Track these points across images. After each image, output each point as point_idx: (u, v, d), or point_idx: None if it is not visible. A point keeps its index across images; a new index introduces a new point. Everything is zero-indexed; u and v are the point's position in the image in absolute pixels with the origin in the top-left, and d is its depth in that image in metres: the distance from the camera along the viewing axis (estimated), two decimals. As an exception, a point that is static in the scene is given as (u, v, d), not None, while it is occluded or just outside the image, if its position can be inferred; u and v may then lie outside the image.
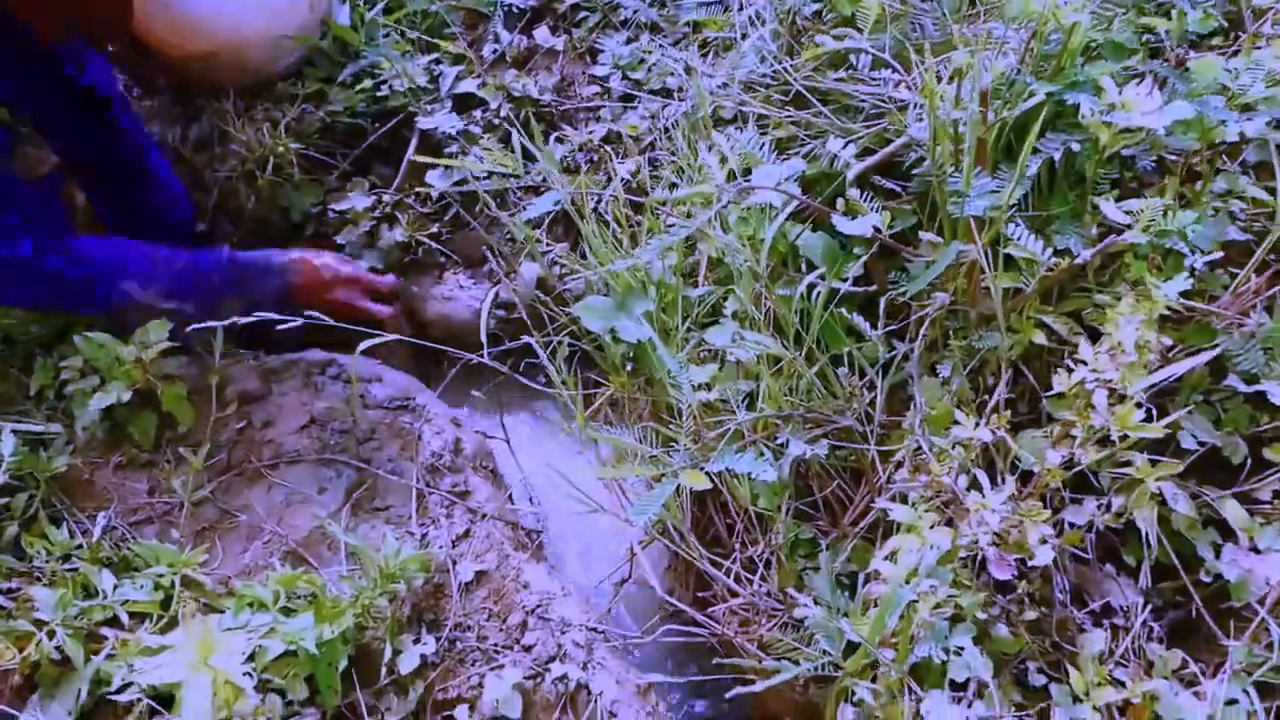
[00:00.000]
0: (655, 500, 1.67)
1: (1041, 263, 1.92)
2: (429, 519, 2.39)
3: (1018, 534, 1.79)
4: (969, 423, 1.76)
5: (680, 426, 1.83)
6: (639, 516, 1.65)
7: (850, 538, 2.07)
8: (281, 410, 2.55)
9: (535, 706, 2.16)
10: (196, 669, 1.81)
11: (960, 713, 1.55)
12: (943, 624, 1.71)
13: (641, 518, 1.64)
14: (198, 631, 1.83)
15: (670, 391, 1.89)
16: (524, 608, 2.29)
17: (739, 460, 1.72)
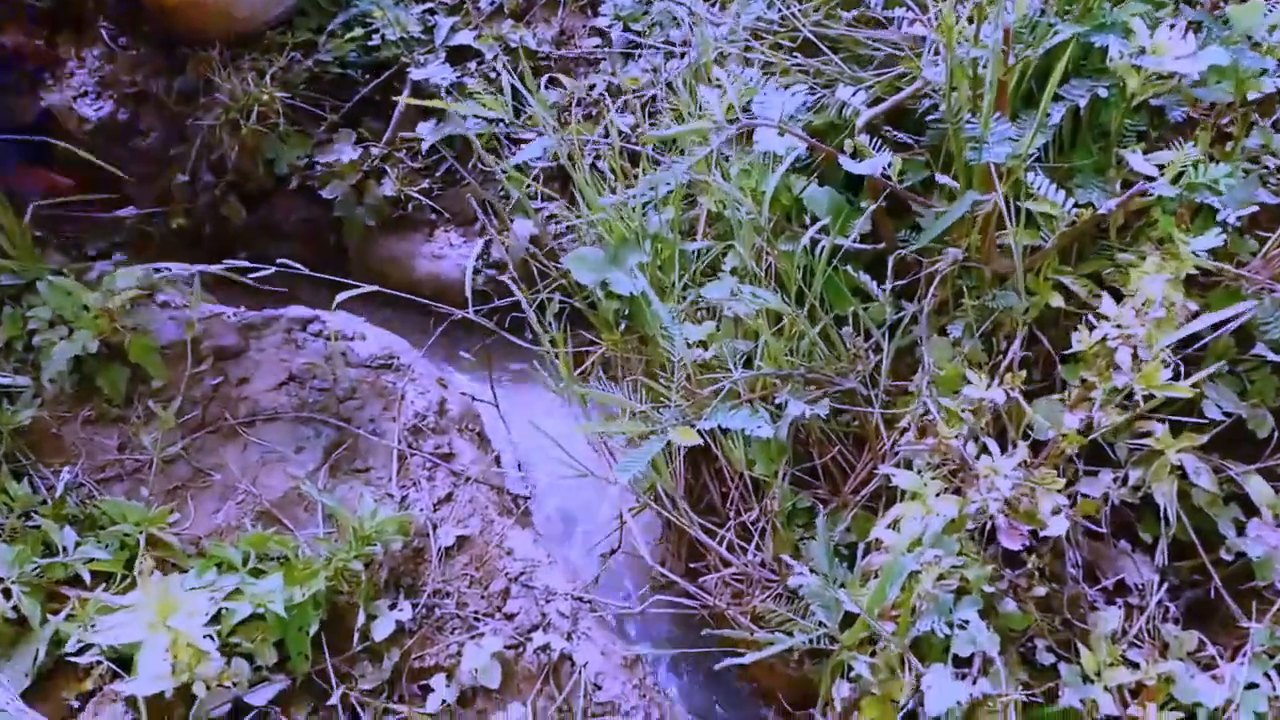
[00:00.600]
0: (642, 457, 1.56)
1: (1062, 217, 1.79)
2: (410, 481, 2.29)
3: (1029, 503, 1.67)
4: (981, 383, 1.64)
5: (672, 383, 1.72)
6: (624, 474, 1.54)
7: (851, 506, 1.96)
8: (259, 367, 2.44)
9: (516, 677, 2.06)
10: (154, 629, 1.71)
11: (964, 689, 1.45)
12: (947, 597, 1.60)
13: (627, 475, 1.54)
14: (156, 591, 1.72)
15: (662, 344, 1.77)
16: (507, 575, 2.19)
17: (733, 417, 1.61)
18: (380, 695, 2.05)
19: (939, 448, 1.64)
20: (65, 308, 2.22)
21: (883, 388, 2.03)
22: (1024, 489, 1.68)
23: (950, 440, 1.61)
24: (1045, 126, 1.83)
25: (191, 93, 3.09)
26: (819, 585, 1.59)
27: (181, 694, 1.87)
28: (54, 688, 1.95)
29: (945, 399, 1.72)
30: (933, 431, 1.64)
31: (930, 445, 1.65)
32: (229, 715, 1.94)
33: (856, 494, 1.99)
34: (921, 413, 1.85)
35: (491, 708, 2.02)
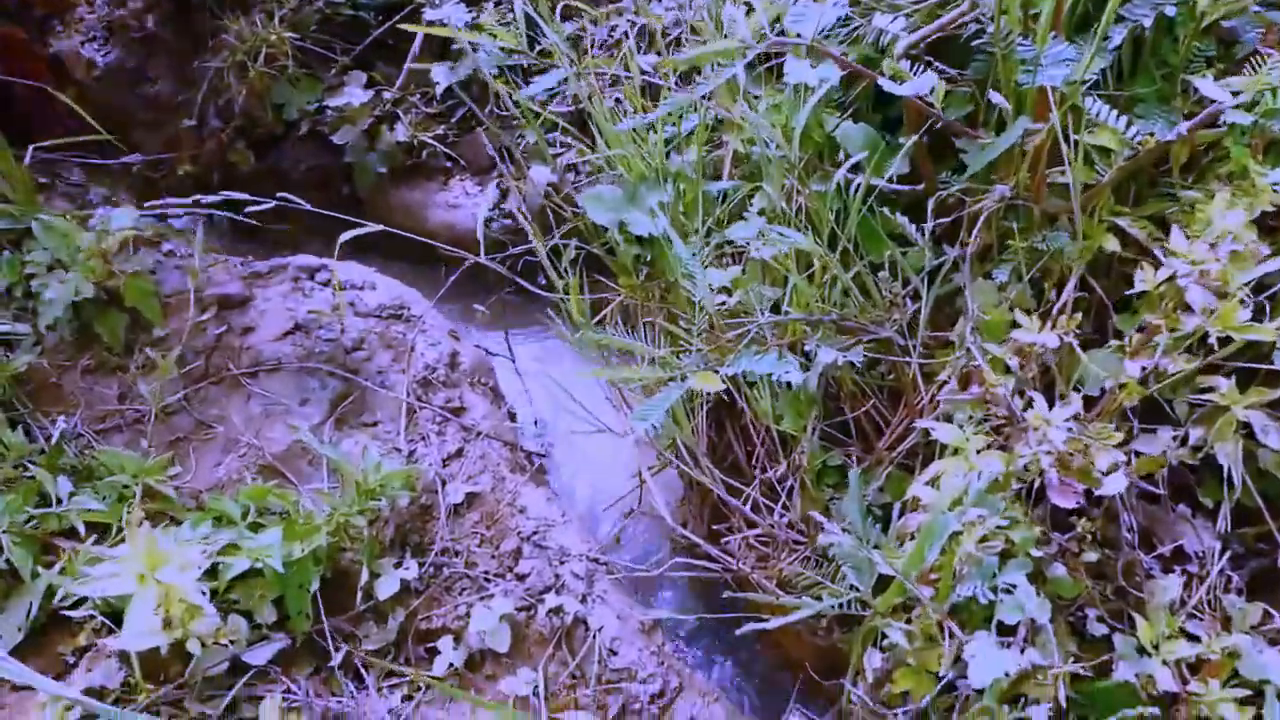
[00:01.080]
0: (660, 404, 1.43)
1: (1122, 148, 1.63)
2: (419, 435, 2.18)
3: (1082, 460, 1.53)
4: (1032, 325, 1.49)
5: (693, 323, 1.59)
6: (641, 422, 1.41)
7: (885, 464, 1.82)
8: (264, 316, 2.34)
9: (527, 640, 1.95)
10: (144, 582, 1.61)
11: (1012, 658, 1.31)
12: (991, 560, 1.46)
13: (644, 424, 1.41)
14: (145, 542, 1.63)
15: (683, 284, 1.64)
16: (519, 534, 2.07)
17: (759, 361, 1.48)
18: (385, 657, 1.95)
19: (984, 397, 1.50)
20: (62, 250, 2.13)
21: (921, 338, 1.89)
22: (1076, 444, 1.54)
23: (996, 388, 1.47)
24: (1104, 50, 1.67)
25: (199, 34, 2.97)
26: (851, 545, 1.46)
27: (177, 651, 1.78)
28: (49, 642, 1.87)
29: (991, 345, 1.58)
30: (978, 379, 1.50)
31: (974, 395, 1.50)
32: (227, 674, 1.85)
33: (892, 451, 1.85)
34: (964, 363, 1.70)
35: (501, 672, 1.91)
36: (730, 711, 1.95)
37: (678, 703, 1.94)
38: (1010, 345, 1.53)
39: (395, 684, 1.91)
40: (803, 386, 1.73)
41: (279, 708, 1.81)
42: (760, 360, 1.48)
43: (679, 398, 1.74)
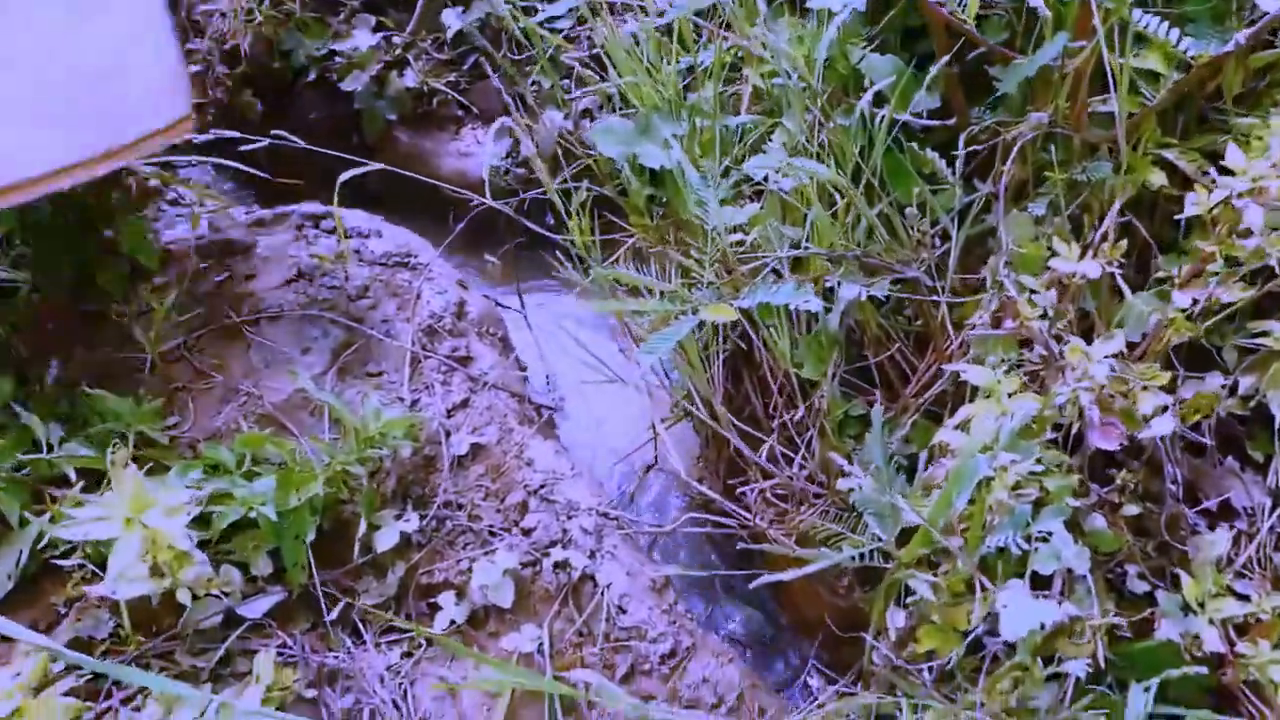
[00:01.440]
0: (669, 338, 1.33)
1: (1171, 71, 1.51)
2: (423, 385, 2.09)
3: (1125, 402, 1.41)
4: (1071, 253, 1.38)
5: (705, 253, 1.48)
6: (649, 356, 1.31)
7: (911, 412, 1.71)
8: (267, 263, 2.26)
9: (532, 596, 1.87)
10: (129, 526, 1.54)
11: (1049, 608, 1.21)
12: (1025, 508, 1.35)
13: (651, 357, 1.31)
14: (131, 485, 1.55)
15: (695, 211, 1.53)
16: (526, 487, 1.99)
17: (776, 293, 1.37)
18: (384, 612, 1.88)
19: (1018, 333, 1.38)
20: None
21: (950, 281, 1.78)
22: (1119, 385, 1.42)
23: (1032, 321, 1.35)
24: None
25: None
26: (873, 490, 1.36)
27: (169, 602, 1.71)
28: (40, 592, 1.81)
29: (1027, 278, 1.46)
30: (1011, 313, 1.39)
31: (1008, 330, 1.39)
32: (220, 627, 1.78)
33: (918, 399, 1.74)
34: (995, 306, 1.59)
35: (504, 629, 1.83)
36: (745, 673, 1.86)
37: (690, 664, 1.85)
38: (1048, 277, 1.41)
39: (395, 640, 1.84)
40: (823, 327, 1.62)
41: (273, 662, 1.74)
42: (777, 291, 1.37)
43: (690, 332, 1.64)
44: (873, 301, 1.78)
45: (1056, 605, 1.21)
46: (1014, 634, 1.18)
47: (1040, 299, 1.41)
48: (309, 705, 1.74)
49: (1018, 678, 1.30)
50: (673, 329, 1.35)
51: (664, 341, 1.33)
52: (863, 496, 1.38)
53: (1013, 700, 1.27)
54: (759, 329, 1.75)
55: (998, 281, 1.46)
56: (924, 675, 1.44)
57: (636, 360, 1.30)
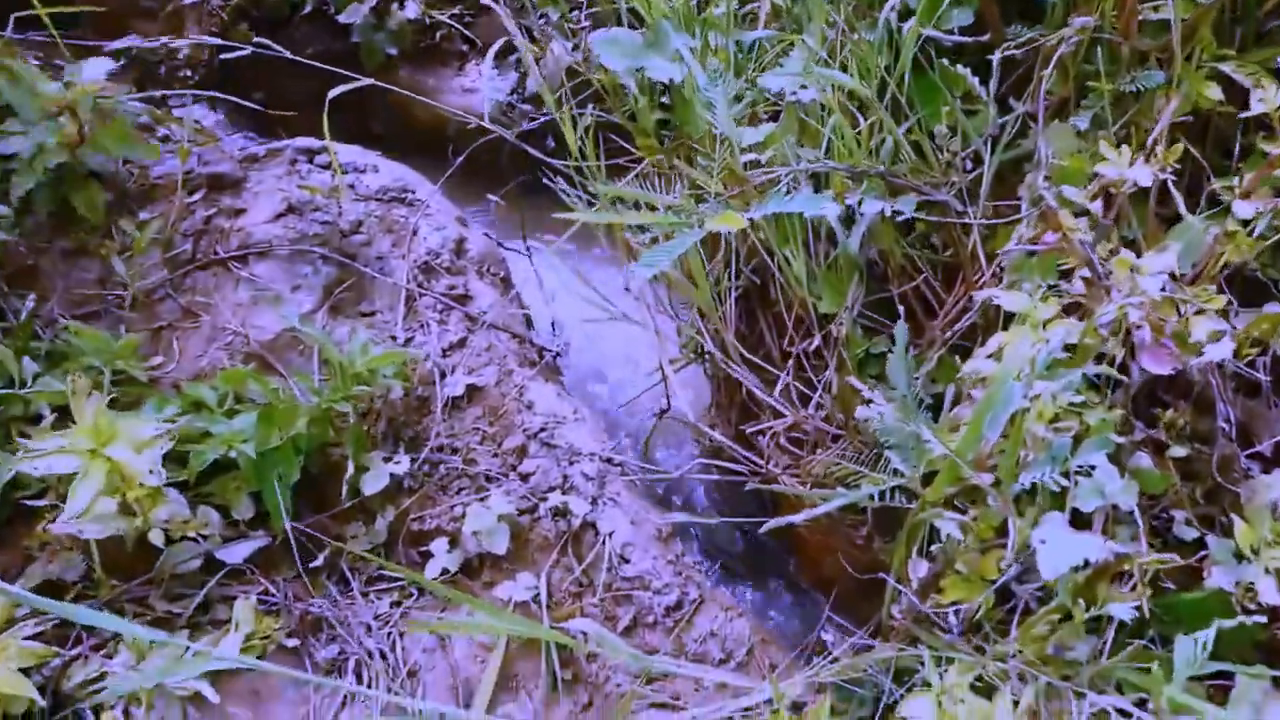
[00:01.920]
0: (670, 250, 1.21)
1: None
2: (417, 324, 1.98)
3: (1177, 325, 1.28)
4: (1120, 158, 1.24)
5: (712, 160, 1.35)
6: (646, 269, 1.19)
7: (936, 346, 1.58)
8: (257, 198, 2.15)
9: (529, 545, 1.76)
10: (93, 458, 1.44)
11: (1093, 543, 1.08)
12: (1063, 441, 1.22)
13: (649, 271, 1.18)
14: (94, 416, 1.45)
15: (702, 115, 1.40)
16: (525, 430, 1.87)
17: (789, 201, 1.24)
18: (374, 558, 1.77)
19: (1059, 249, 1.24)
20: (26, 105, 1.93)
21: (982, 207, 1.64)
22: (1169, 309, 1.29)
23: (1076, 235, 1.22)
24: None
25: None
26: (897, 418, 1.23)
27: (144, 546, 1.62)
28: (14, 535, 1.72)
29: (1070, 189, 1.32)
30: (1053, 225, 1.25)
31: (1048, 245, 1.25)
32: (199, 572, 1.69)
33: (945, 332, 1.61)
34: (1032, 225, 1.45)
35: (500, 577, 1.72)
36: (755, 627, 1.74)
37: (696, 617, 1.74)
38: (1094, 186, 1.27)
39: (384, 588, 1.74)
40: (843, 249, 1.49)
41: (254, 609, 1.65)
42: (792, 199, 1.24)
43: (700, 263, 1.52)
44: (897, 227, 1.65)
45: (1101, 541, 1.07)
46: (1053, 572, 1.06)
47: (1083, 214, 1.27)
48: (291, 655, 1.64)
49: (1055, 624, 1.17)
50: (675, 242, 1.22)
51: (664, 254, 1.20)
52: (885, 427, 1.25)
53: (1050, 648, 1.15)
54: (774, 256, 1.62)
55: (1037, 196, 1.31)
56: (951, 626, 1.31)
57: (632, 273, 1.16)
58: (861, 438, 1.52)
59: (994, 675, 1.28)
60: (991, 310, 1.57)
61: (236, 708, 1.59)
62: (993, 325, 1.55)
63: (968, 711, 1.21)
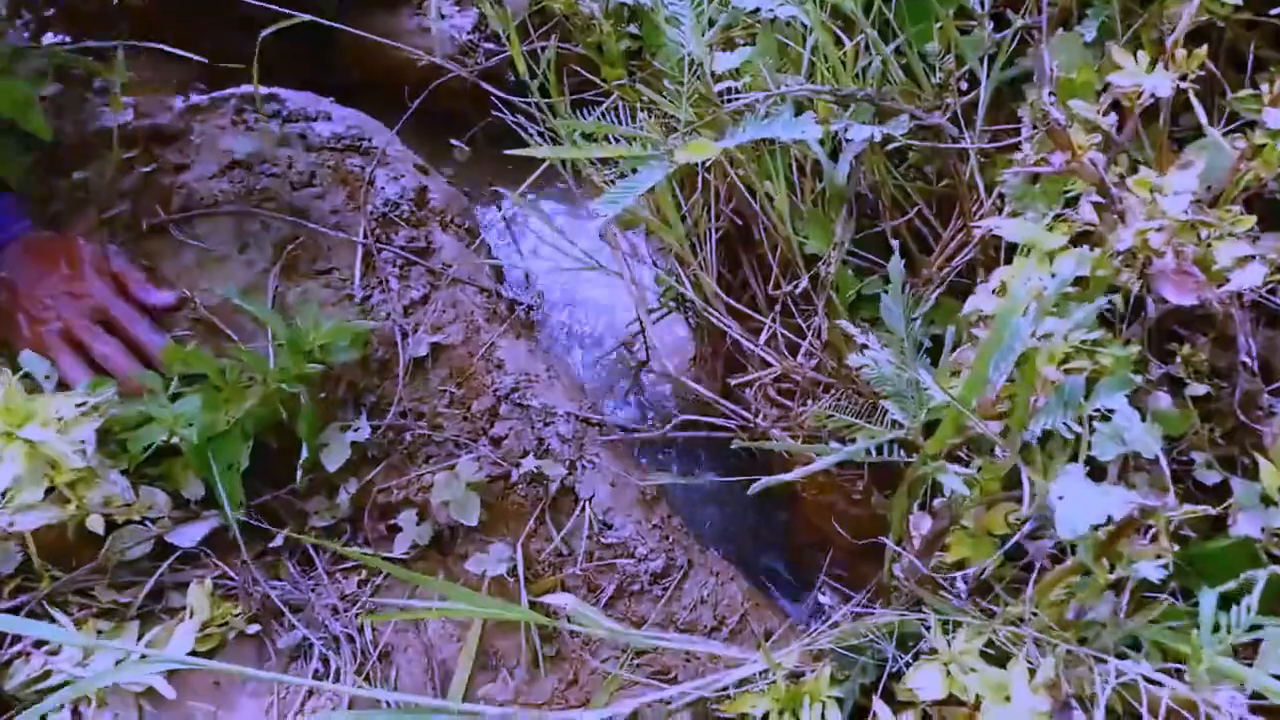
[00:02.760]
0: (635, 186, 1.08)
1: None
2: (377, 281, 1.84)
3: (1198, 250, 1.16)
4: (1138, 66, 1.10)
5: (681, 84, 1.22)
6: (610, 207, 1.06)
7: (934, 286, 1.46)
8: (200, 151, 1.99)
9: (503, 514, 1.65)
10: (8, 442, 1.31)
11: (1116, 497, 0.97)
12: (1077, 382, 1.10)
13: (614, 208, 1.05)
14: (4, 395, 1.32)
15: (669, 35, 1.26)
16: (495, 392, 1.75)
17: (769, 125, 1.11)
18: (337, 536, 1.66)
19: (1069, 171, 1.12)
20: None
21: (979, 132, 1.51)
22: (1188, 234, 1.16)
23: (1086, 152, 1.09)
24: None
25: None
26: (892, 364, 1.11)
27: (88, 535, 1.50)
28: (-50, 527, 1.60)
29: (1079, 103, 1.18)
30: (1061, 144, 1.12)
31: (1056, 167, 1.12)
32: (150, 558, 1.57)
33: (942, 270, 1.48)
34: (1036, 146, 1.32)
35: (473, 549, 1.61)
36: (748, 592, 1.64)
37: (685, 583, 1.64)
38: (1107, 97, 1.14)
39: (350, 566, 1.63)
40: (829, 181, 1.36)
41: (209, 595, 1.54)
42: (769, 124, 1.11)
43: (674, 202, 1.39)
44: (887, 156, 1.51)
45: (1125, 495, 0.96)
46: (1072, 531, 0.95)
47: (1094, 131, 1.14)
48: (252, 641, 1.53)
49: (1073, 584, 1.07)
50: (640, 176, 1.09)
51: (628, 190, 1.07)
52: (880, 374, 1.13)
53: (1069, 612, 1.04)
54: (756, 194, 1.49)
55: (1041, 113, 1.18)
56: (958, 587, 1.21)
57: (593, 207, 1.03)
58: (855, 386, 1.40)
59: (1006, 639, 1.17)
60: (991, 247, 1.45)
61: (197, 700, 1.48)
62: (994, 261, 1.43)
63: (980, 681, 1.11)
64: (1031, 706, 0.99)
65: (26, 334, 1.63)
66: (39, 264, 1.69)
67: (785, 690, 1.34)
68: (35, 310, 1.64)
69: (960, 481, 1.09)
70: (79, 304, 1.66)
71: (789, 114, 1.09)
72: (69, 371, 1.59)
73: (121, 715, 1.43)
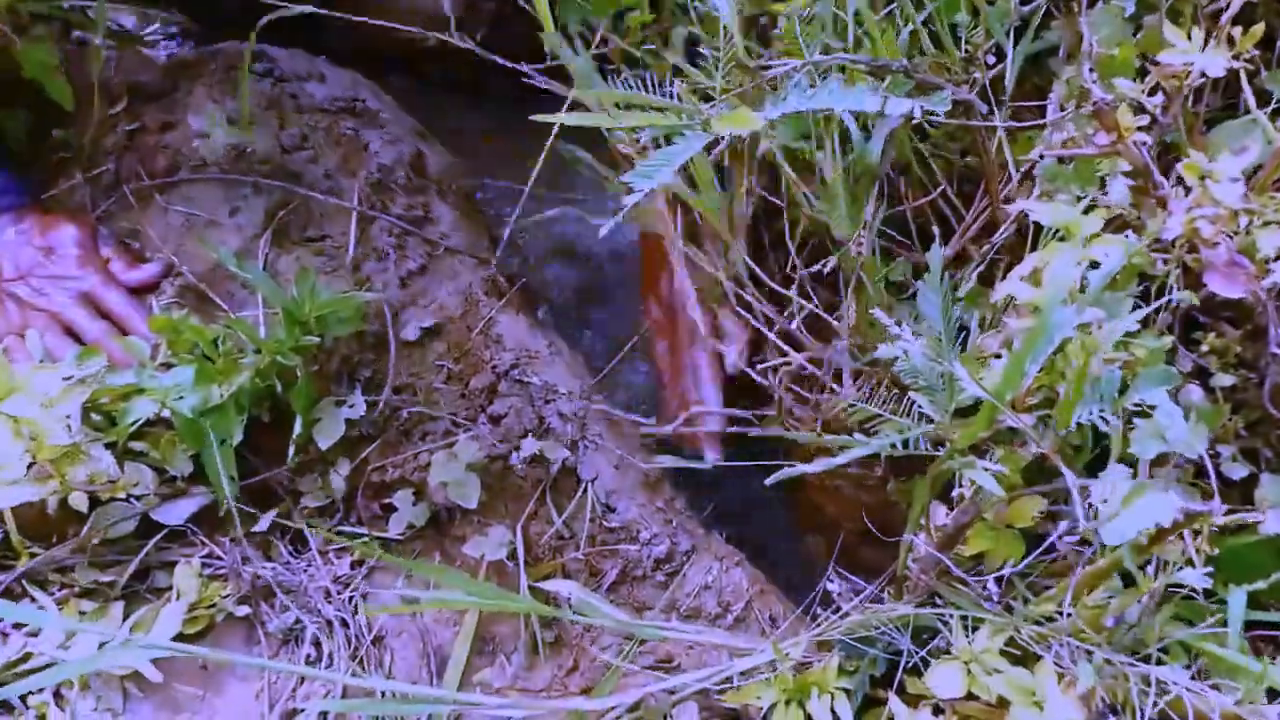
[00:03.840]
0: (671, 158, 1.01)
1: None
2: (372, 250, 1.77)
3: (1242, 240, 1.11)
4: (1191, 43, 1.05)
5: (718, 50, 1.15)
6: (645, 181, 0.99)
7: (972, 266, 1.40)
8: (186, 111, 1.91)
9: (502, 494, 1.59)
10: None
11: (1167, 502, 0.92)
12: (1114, 374, 1.06)
13: (648, 182, 0.99)
14: (-14, 365, 1.25)
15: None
16: (494, 369, 1.69)
17: (813, 96, 1.04)
18: (331, 516, 1.61)
19: (1113, 151, 1.06)
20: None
21: (1008, 105, 1.45)
22: (1229, 222, 1.11)
23: (1132, 133, 1.03)
24: None
25: None
26: (925, 355, 1.06)
27: (71, 512, 1.43)
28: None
29: (1122, 81, 1.13)
30: (1107, 123, 1.06)
31: (1100, 146, 1.07)
32: (135, 536, 1.51)
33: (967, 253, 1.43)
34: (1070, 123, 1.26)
35: (471, 532, 1.56)
36: (753, 577, 1.60)
37: (689, 568, 1.59)
38: (1154, 74, 1.08)
39: (344, 546, 1.57)
40: (861, 157, 1.29)
41: (198, 575, 1.48)
42: (815, 95, 1.04)
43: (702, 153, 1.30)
44: (911, 133, 1.46)
45: (1174, 499, 0.92)
46: (1120, 537, 0.90)
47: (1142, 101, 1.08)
48: (241, 624, 1.48)
49: (1111, 587, 1.03)
50: (678, 147, 1.02)
51: (664, 163, 1.00)
52: (910, 366, 1.08)
53: (1107, 619, 1.00)
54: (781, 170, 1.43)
55: (1081, 90, 1.12)
56: (979, 582, 1.17)
57: (627, 182, 0.97)
58: (879, 376, 1.35)
59: (1030, 639, 1.13)
60: (1018, 229, 1.40)
61: (184, 684, 1.43)
62: (1020, 244, 1.38)
63: (1005, 682, 1.07)
64: (1067, 715, 0.95)
65: (16, 319, 1.58)
66: (27, 246, 1.63)
67: (793, 680, 1.30)
68: (25, 294, 1.60)
69: (992, 479, 1.04)
70: (69, 290, 1.61)
71: (836, 84, 1.03)
72: (59, 355, 1.54)
73: (105, 699, 1.38)
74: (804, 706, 1.31)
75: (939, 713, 1.22)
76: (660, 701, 1.40)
